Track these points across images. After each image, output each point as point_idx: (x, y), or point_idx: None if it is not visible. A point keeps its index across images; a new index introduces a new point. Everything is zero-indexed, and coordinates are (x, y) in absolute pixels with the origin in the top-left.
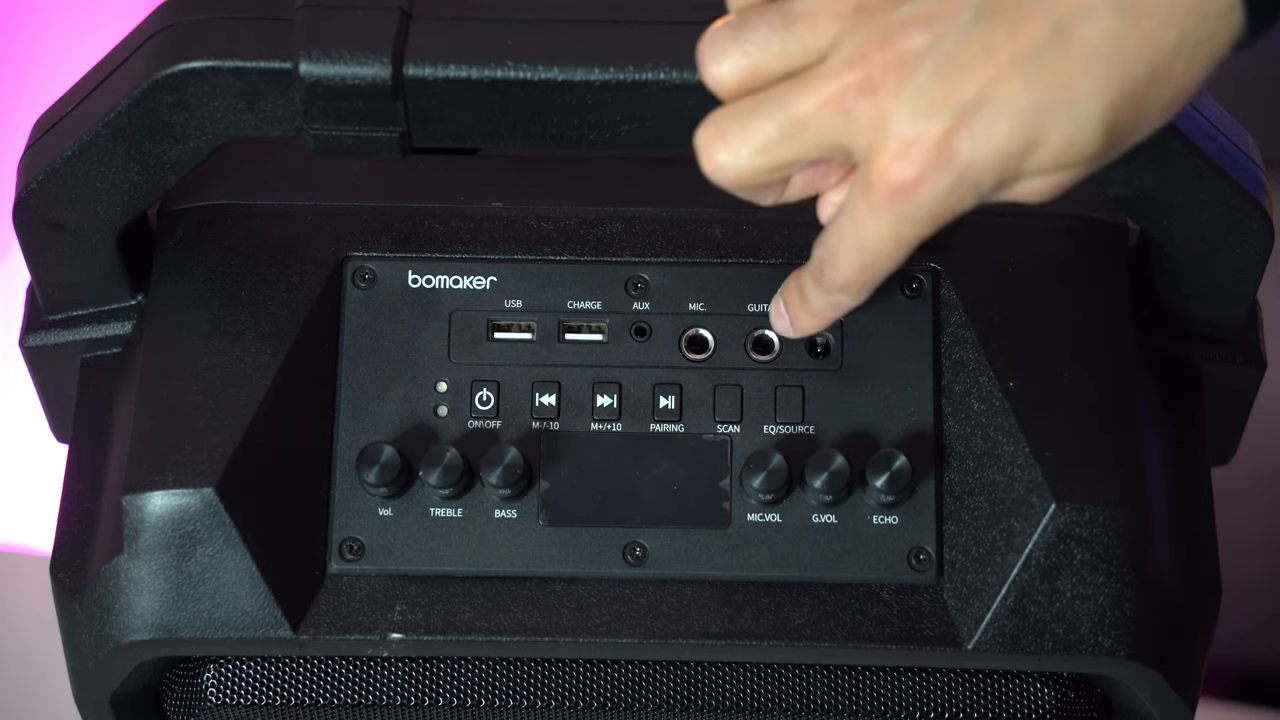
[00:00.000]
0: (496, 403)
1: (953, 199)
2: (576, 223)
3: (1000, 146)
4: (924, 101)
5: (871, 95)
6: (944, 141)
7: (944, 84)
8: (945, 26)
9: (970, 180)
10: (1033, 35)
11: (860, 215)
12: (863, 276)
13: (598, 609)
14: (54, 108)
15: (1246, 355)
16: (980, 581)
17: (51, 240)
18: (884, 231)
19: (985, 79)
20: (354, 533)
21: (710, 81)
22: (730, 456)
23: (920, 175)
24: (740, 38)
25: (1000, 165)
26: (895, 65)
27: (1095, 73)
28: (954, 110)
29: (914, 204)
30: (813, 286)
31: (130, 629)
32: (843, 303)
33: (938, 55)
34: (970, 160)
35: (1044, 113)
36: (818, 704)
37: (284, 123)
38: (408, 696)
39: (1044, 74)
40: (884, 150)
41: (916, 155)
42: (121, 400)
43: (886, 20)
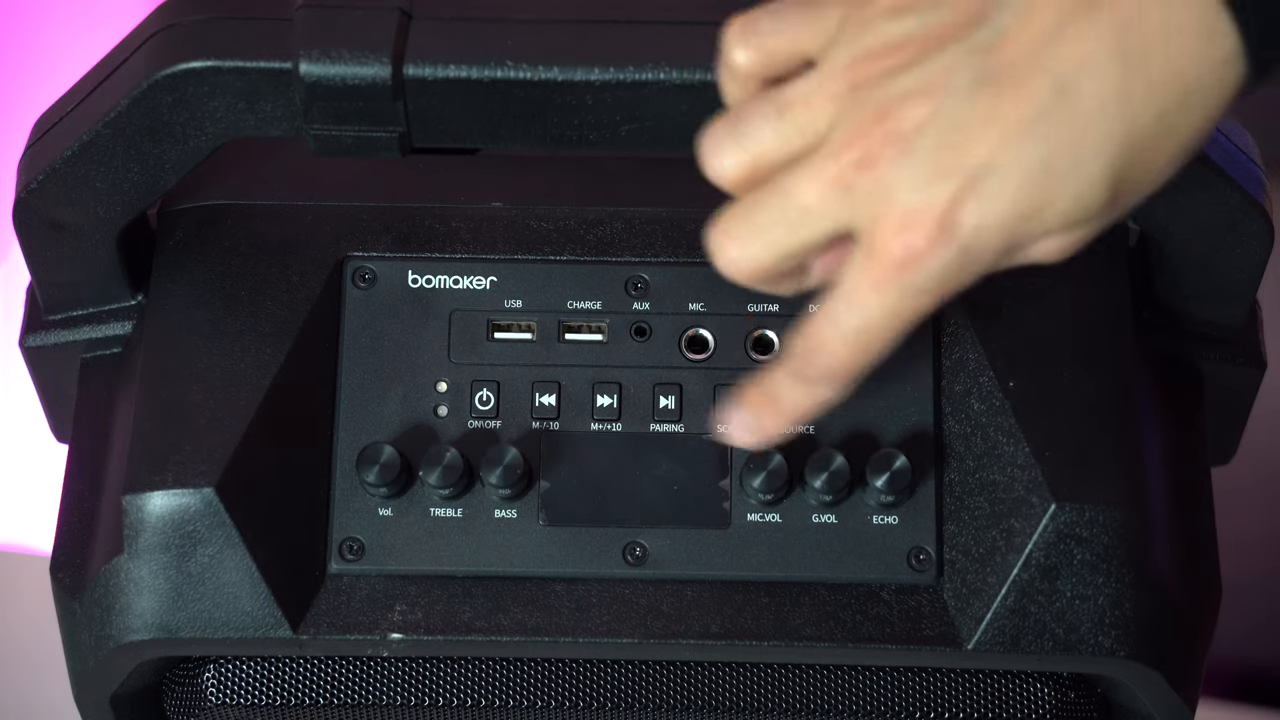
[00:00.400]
0: (496, 403)
1: (960, 267)
2: (576, 223)
3: (1007, 211)
4: (927, 170)
5: (872, 170)
6: (950, 209)
7: (947, 152)
8: (944, 95)
9: (978, 247)
10: (1036, 97)
11: (860, 292)
12: (855, 360)
13: (598, 609)
14: (54, 108)
15: (1246, 355)
16: (980, 581)
17: (51, 240)
18: (888, 306)
19: (989, 144)
20: (354, 533)
21: (714, 177)
22: (730, 456)
23: (928, 244)
24: (737, 132)
25: (1009, 230)
26: (895, 138)
27: (1102, 128)
28: (959, 177)
29: (922, 274)
30: (790, 383)
31: (130, 629)
32: (823, 395)
33: (938, 124)
34: (977, 226)
35: (1050, 174)
36: (818, 704)
37: (284, 123)
38: (408, 696)
39: (1049, 135)
40: (888, 221)
41: (922, 224)
42: (121, 400)
43: (882, 95)
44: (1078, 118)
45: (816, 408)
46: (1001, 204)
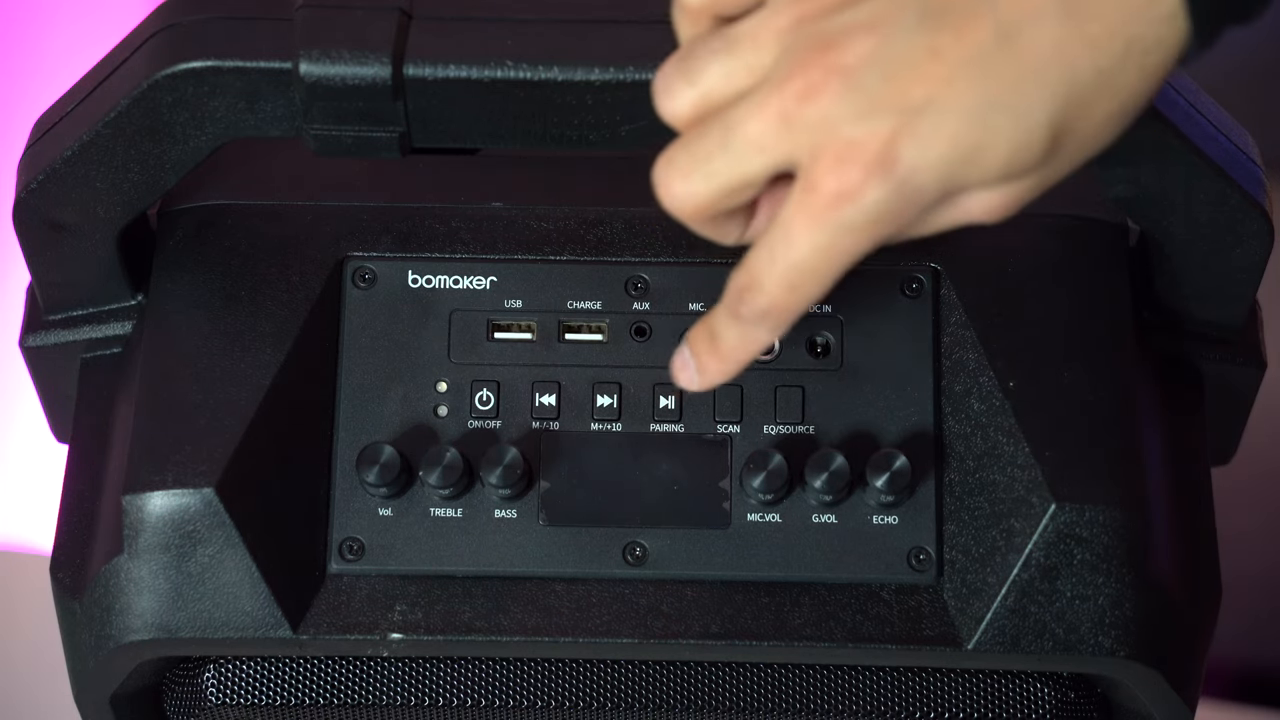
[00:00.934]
0: (496, 403)
1: (895, 206)
2: (576, 223)
3: (946, 150)
4: (868, 103)
5: (814, 101)
6: (889, 144)
7: (889, 86)
8: (889, 30)
9: (914, 185)
10: (979, 38)
11: (796, 226)
12: (789, 299)
13: (598, 609)
14: (54, 108)
15: (1246, 355)
16: (980, 581)
17: (51, 240)
18: (820, 242)
19: (932, 81)
20: (354, 533)
21: (666, 117)
22: (730, 456)
23: (864, 178)
24: (685, 69)
25: (946, 170)
26: (837, 71)
27: (1041, 77)
28: (899, 112)
29: (856, 209)
30: (727, 322)
31: (130, 629)
32: (758, 338)
33: (882, 58)
34: (915, 164)
35: (990, 115)
36: (818, 704)
37: (284, 123)
38: (408, 696)
39: (990, 76)
40: (826, 153)
41: (860, 158)
42: (121, 400)
43: (826, 28)
44: (1018, 64)
45: (754, 350)
46: (940, 142)
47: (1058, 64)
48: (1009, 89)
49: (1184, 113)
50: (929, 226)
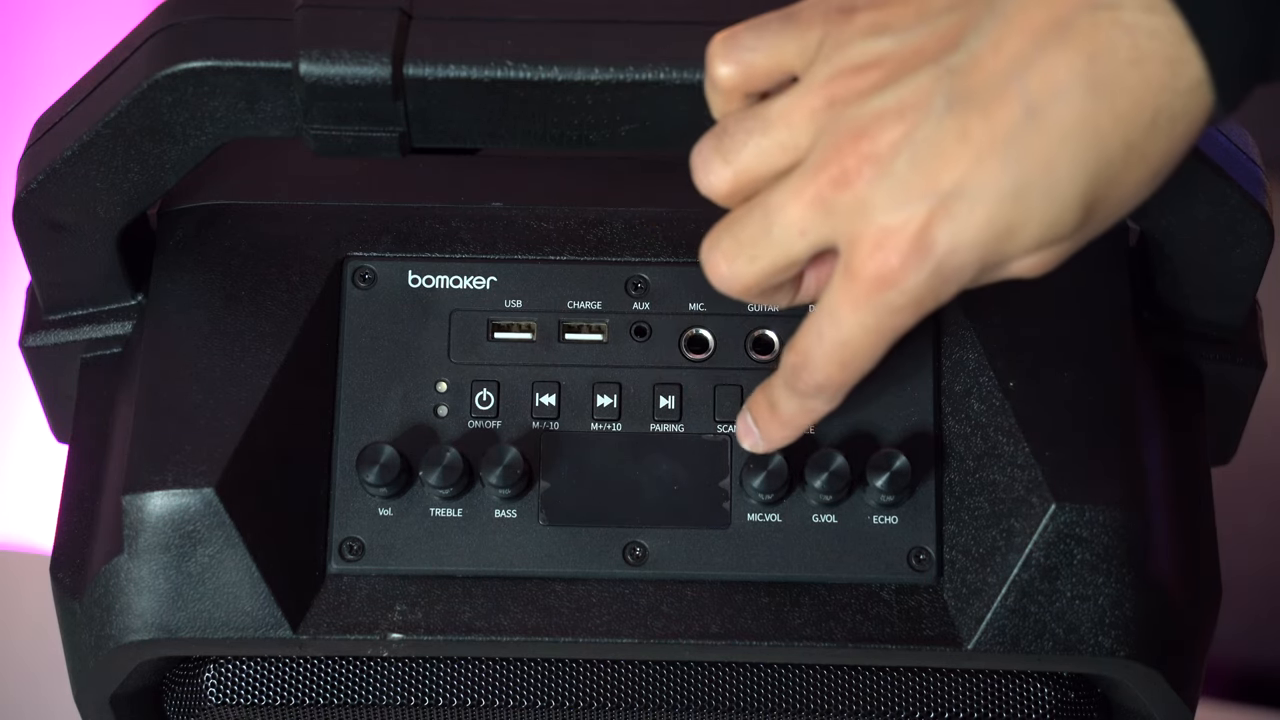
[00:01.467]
0: (496, 403)
1: (935, 286)
2: (576, 223)
3: (981, 231)
4: (902, 190)
5: (849, 189)
6: (925, 229)
7: (921, 171)
8: (918, 115)
9: (952, 267)
10: (1007, 119)
11: (841, 308)
12: (841, 376)
13: (598, 609)
14: (54, 108)
15: (1246, 355)
16: (980, 581)
17: (51, 240)
18: (867, 323)
19: (963, 165)
20: (354, 533)
21: (704, 192)
22: (730, 456)
23: (903, 264)
24: (721, 147)
25: (982, 250)
26: (870, 158)
27: (1071, 153)
28: (933, 196)
29: (898, 292)
30: (785, 394)
31: (130, 629)
32: (816, 408)
33: (913, 144)
34: (951, 247)
35: (1023, 194)
36: (818, 704)
37: (284, 123)
38: (408, 696)
39: (1021, 156)
40: (864, 240)
41: (897, 244)
42: (121, 400)
43: (858, 113)
44: (1048, 142)
45: (815, 418)
46: (975, 225)
47: (1087, 140)
48: (1040, 167)
49: None
50: (970, 287)
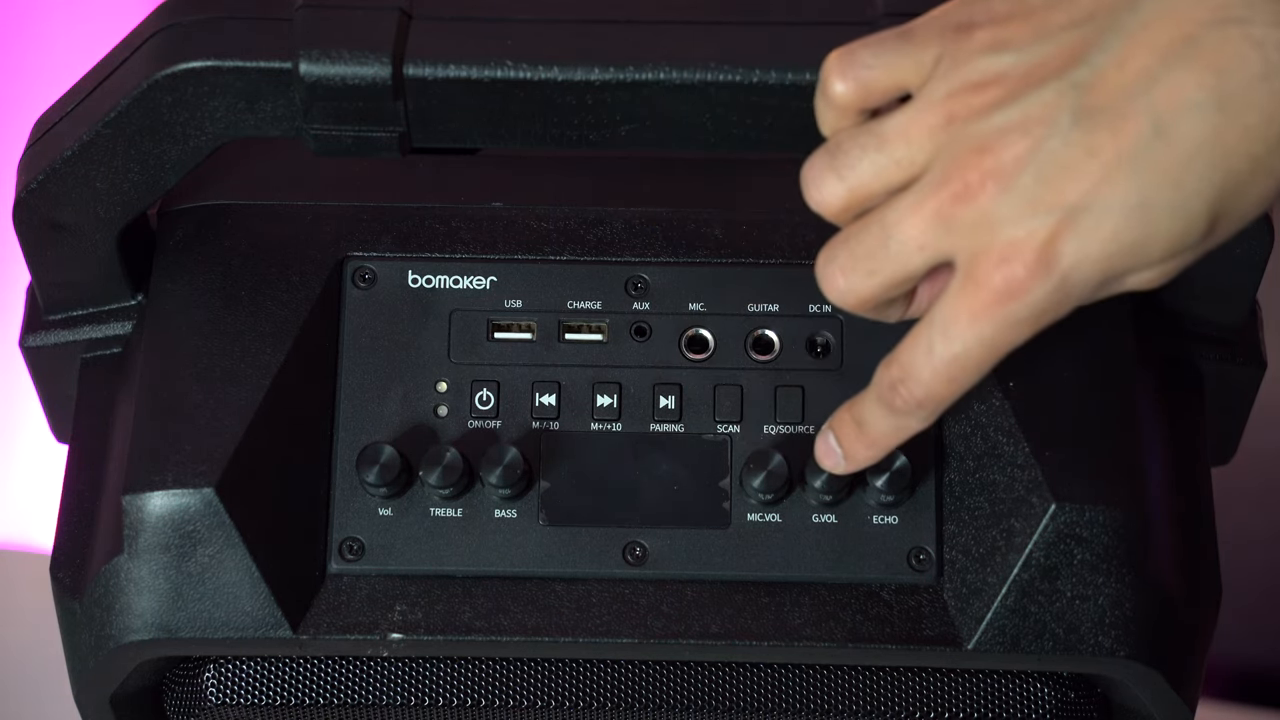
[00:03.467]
0: (496, 403)
1: (1058, 300)
2: (576, 223)
3: (1107, 246)
4: (1028, 205)
5: (973, 203)
6: (1051, 243)
7: (1047, 186)
8: (1043, 131)
9: (1076, 280)
10: (1135, 134)
11: (958, 323)
12: (945, 391)
13: (598, 609)
14: (54, 108)
15: (1246, 355)
16: (980, 581)
17: (51, 240)
18: (984, 336)
19: (1090, 180)
20: (354, 533)
21: (815, 208)
22: (730, 456)
23: (1029, 276)
24: (835, 164)
25: (1106, 265)
26: (994, 172)
27: (1198, 169)
28: (1059, 211)
29: (1021, 306)
30: (878, 412)
31: (130, 629)
32: (910, 427)
33: (1038, 160)
34: (1077, 260)
35: (1150, 210)
36: (818, 704)
37: (284, 123)
38: (408, 696)
39: (1148, 172)
40: (989, 253)
41: (1023, 256)
42: (121, 400)
43: (980, 129)
44: (1175, 158)
45: (904, 437)
46: (1101, 239)
47: (1214, 155)
48: (1167, 183)
49: None
50: (1087, 302)
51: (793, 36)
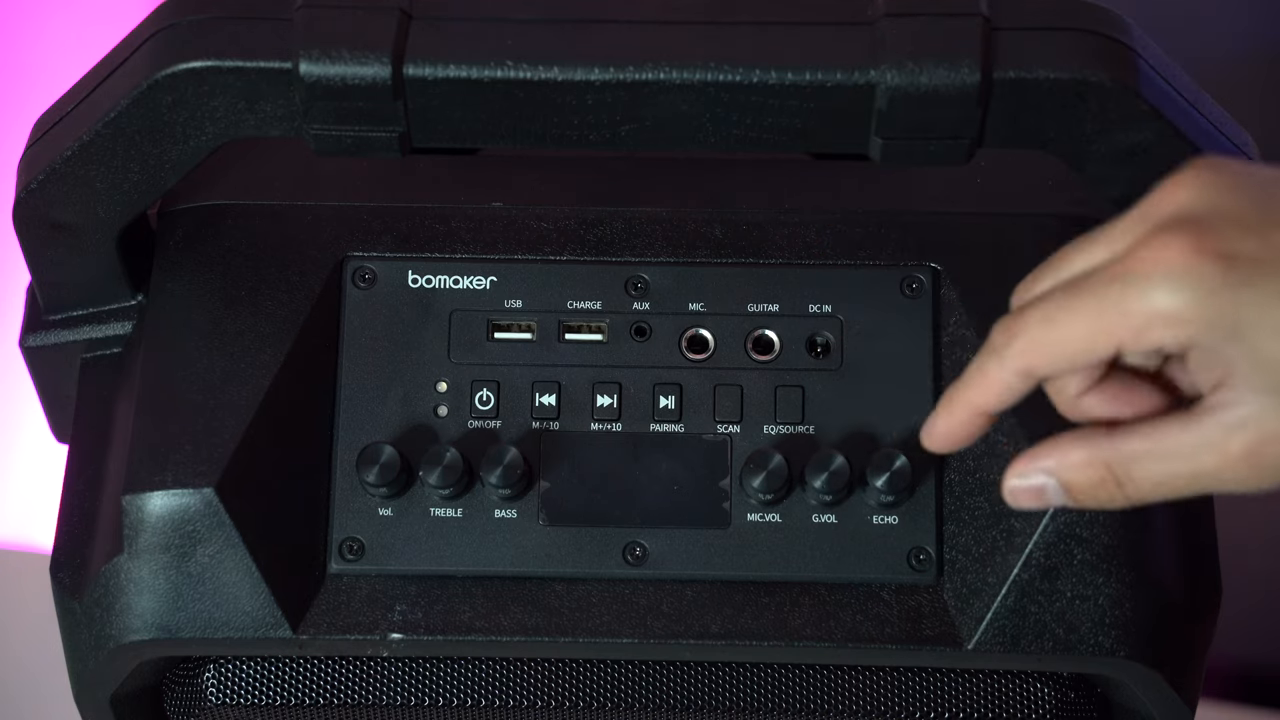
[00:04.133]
0: (496, 403)
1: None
2: (576, 223)
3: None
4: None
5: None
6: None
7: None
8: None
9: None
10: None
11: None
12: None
13: (598, 609)
14: (54, 108)
15: None
16: (980, 581)
17: (51, 240)
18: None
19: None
20: (354, 533)
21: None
22: (730, 456)
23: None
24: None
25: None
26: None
27: None
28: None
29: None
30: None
31: (130, 629)
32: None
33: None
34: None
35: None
36: (818, 704)
37: (284, 123)
38: (408, 696)
39: None
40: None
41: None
42: (121, 400)
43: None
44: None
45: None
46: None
47: None
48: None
49: (1183, 112)
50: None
51: (793, 36)
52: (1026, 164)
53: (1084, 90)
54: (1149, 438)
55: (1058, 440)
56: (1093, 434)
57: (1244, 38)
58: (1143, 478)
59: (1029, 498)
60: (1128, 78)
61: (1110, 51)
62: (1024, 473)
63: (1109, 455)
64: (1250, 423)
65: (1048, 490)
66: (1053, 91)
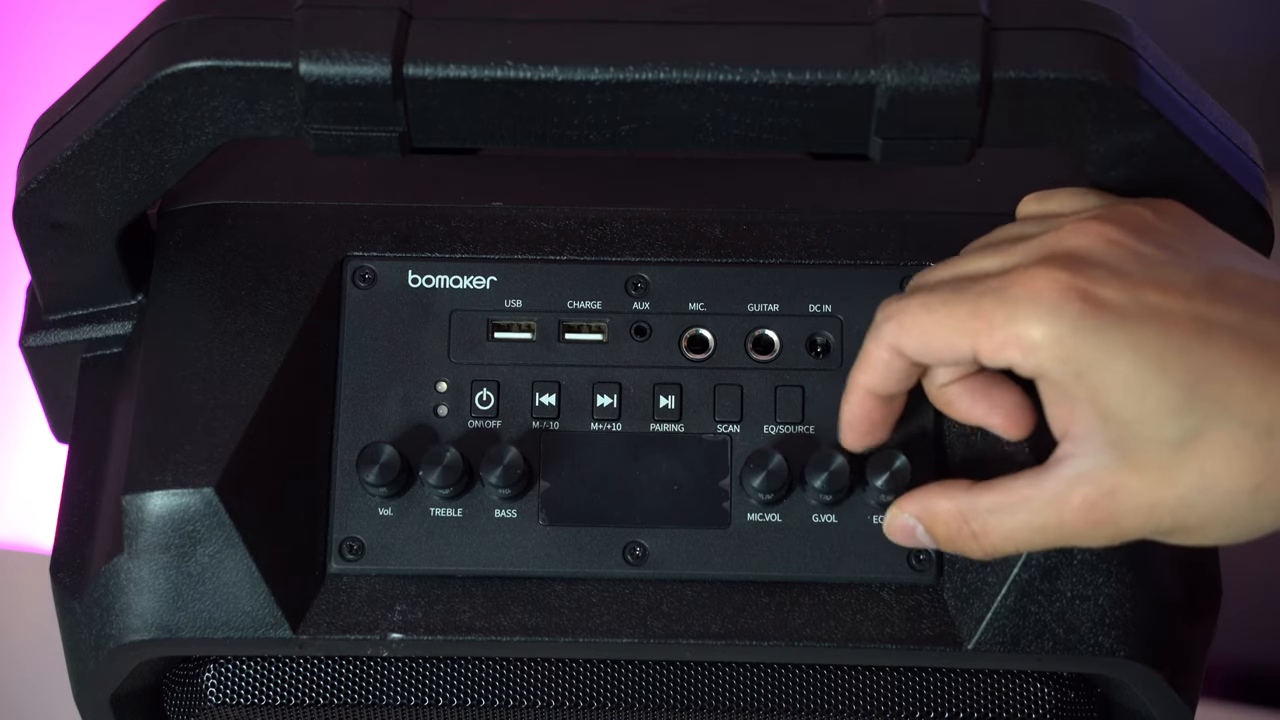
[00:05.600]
0: (496, 403)
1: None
2: (576, 223)
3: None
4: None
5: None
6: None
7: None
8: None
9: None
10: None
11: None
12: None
13: (598, 609)
14: (54, 108)
15: None
16: (980, 581)
17: (51, 240)
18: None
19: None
20: (354, 533)
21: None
22: (730, 456)
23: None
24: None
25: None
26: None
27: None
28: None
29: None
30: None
31: (130, 629)
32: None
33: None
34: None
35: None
36: (818, 704)
37: (284, 123)
38: (408, 696)
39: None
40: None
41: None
42: (121, 400)
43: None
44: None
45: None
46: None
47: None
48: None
49: (1184, 112)
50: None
51: (793, 36)
52: (1026, 164)
53: (1084, 90)
54: (1001, 492)
55: (927, 489)
56: (955, 486)
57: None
58: (994, 530)
59: (901, 534)
60: (1128, 78)
61: (1110, 51)
62: (896, 513)
63: (965, 508)
64: (1088, 477)
65: (916, 531)
66: (1053, 91)
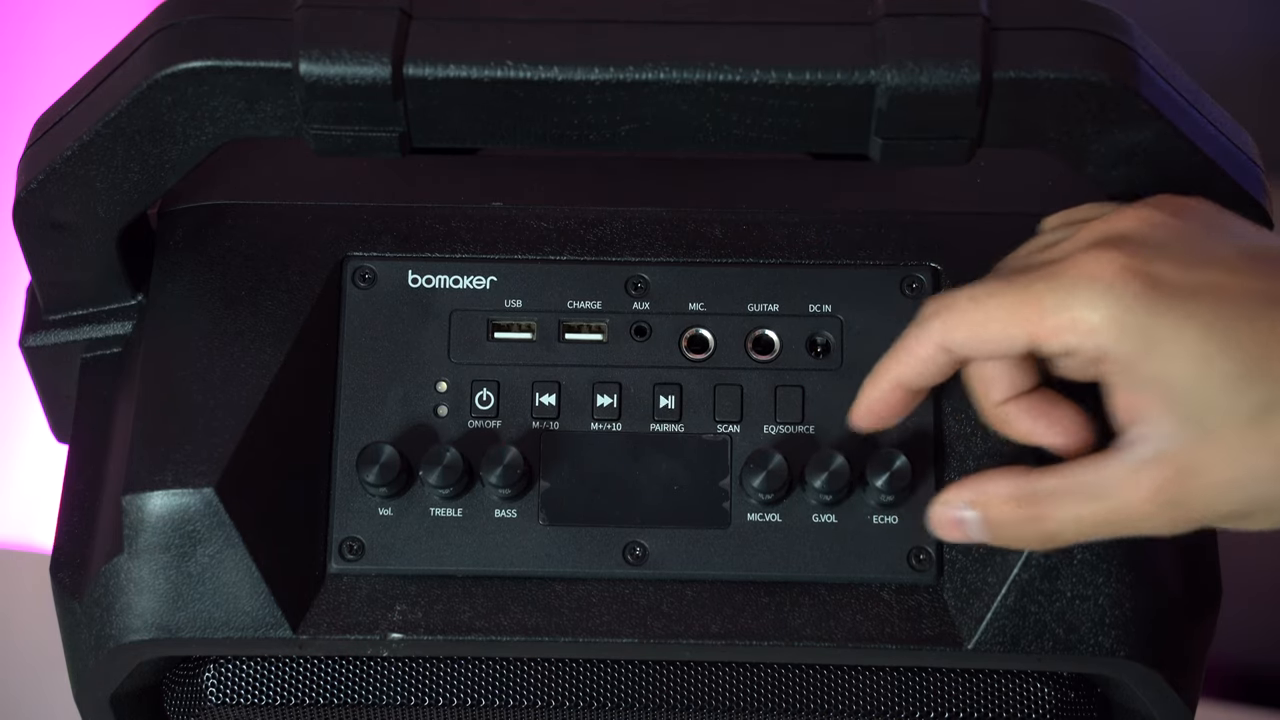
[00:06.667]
0: (496, 403)
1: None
2: (576, 223)
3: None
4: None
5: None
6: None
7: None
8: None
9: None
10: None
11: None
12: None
13: (598, 609)
14: (54, 108)
15: None
16: (980, 581)
17: (51, 240)
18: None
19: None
20: (354, 533)
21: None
22: (730, 456)
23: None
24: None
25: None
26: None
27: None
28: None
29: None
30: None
31: (130, 629)
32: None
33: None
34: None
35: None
36: (818, 704)
37: (284, 123)
38: (408, 696)
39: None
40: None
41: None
42: (121, 400)
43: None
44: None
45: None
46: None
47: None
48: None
49: (1184, 112)
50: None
51: (793, 36)
52: (1026, 164)
53: (1084, 90)
54: (1065, 475)
55: (981, 475)
56: (1014, 470)
57: (1244, 38)
58: (1059, 516)
59: (949, 528)
60: (1128, 78)
61: (1110, 51)
62: (948, 501)
63: (1025, 491)
64: (1159, 458)
65: (968, 523)
66: (1053, 91)
